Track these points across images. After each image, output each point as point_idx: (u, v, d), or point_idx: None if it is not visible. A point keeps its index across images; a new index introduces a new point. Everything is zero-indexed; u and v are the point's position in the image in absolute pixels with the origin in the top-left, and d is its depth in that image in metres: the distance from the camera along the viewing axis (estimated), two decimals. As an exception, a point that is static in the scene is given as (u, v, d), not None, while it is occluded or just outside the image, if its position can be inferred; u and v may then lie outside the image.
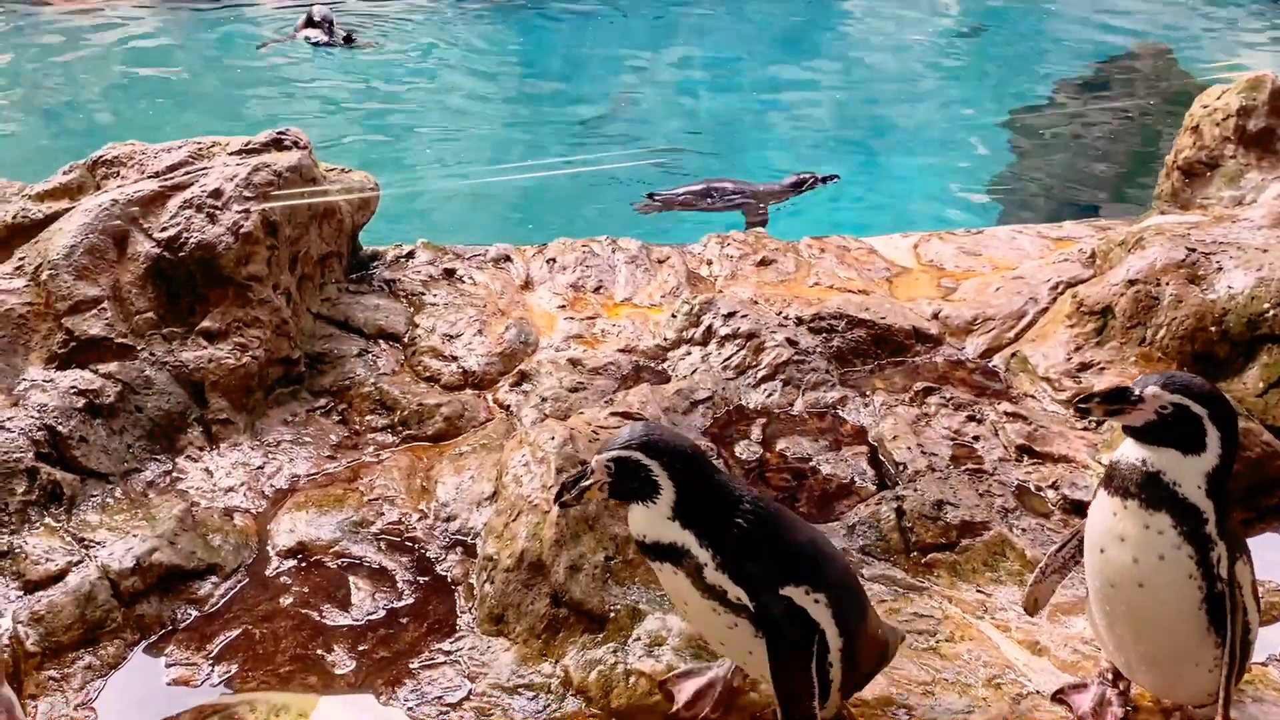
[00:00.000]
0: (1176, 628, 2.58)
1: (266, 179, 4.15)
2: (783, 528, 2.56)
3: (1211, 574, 2.50)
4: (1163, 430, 2.47)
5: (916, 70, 10.62)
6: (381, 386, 4.12)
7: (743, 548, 2.45)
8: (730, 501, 2.48)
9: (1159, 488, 2.48)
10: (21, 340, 3.80)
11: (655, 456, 2.42)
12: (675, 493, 2.43)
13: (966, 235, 5.34)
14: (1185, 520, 2.47)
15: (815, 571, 2.52)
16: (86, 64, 10.21)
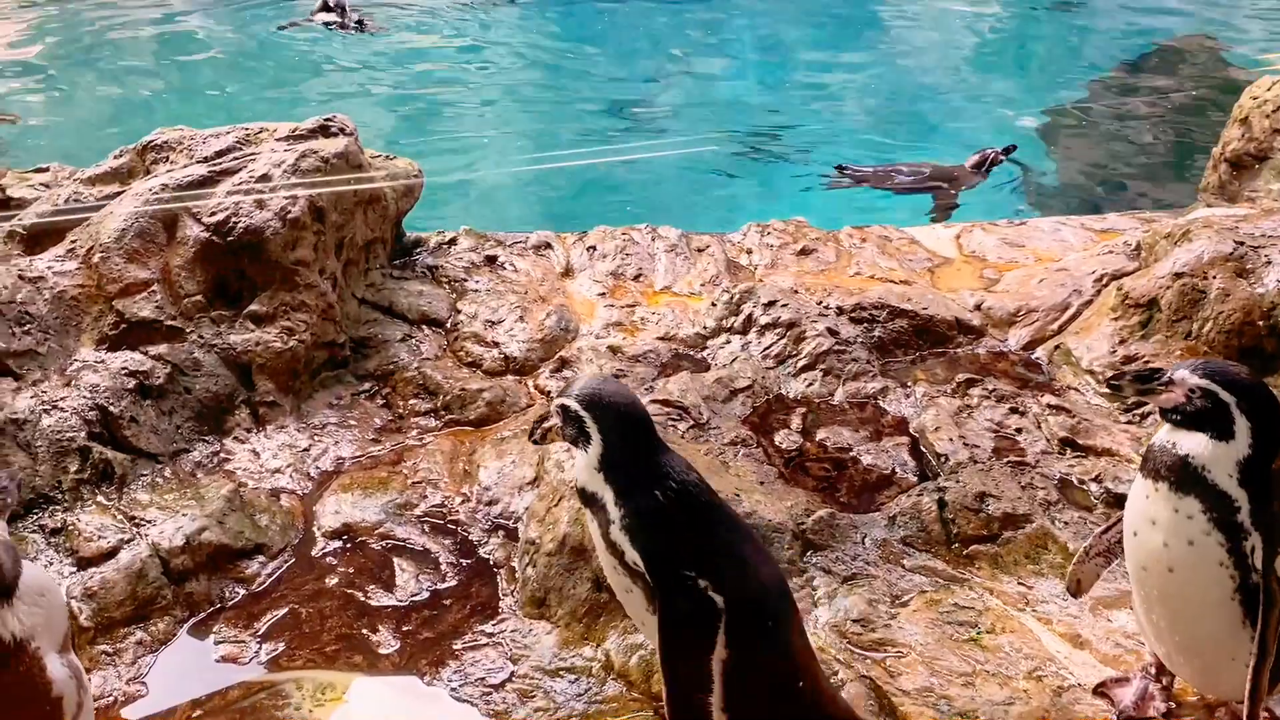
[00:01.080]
0: (1208, 617, 2.56)
1: (314, 165, 4.20)
2: (707, 523, 2.51)
3: (1245, 564, 2.48)
4: (1192, 415, 2.48)
5: (956, 61, 10.52)
6: (424, 371, 4.16)
7: (652, 519, 2.44)
8: (658, 474, 2.47)
9: (1188, 471, 2.48)
10: (73, 322, 3.87)
11: (588, 409, 2.49)
12: (602, 446, 2.48)
13: (1009, 226, 5.30)
14: (1215, 506, 2.47)
15: (723, 575, 2.43)
16: (130, 48, 10.33)
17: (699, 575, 2.40)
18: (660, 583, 2.41)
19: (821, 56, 10.36)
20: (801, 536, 3.38)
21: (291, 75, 9.77)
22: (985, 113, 9.12)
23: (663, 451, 2.55)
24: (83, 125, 8.74)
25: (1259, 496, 2.48)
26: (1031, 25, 11.59)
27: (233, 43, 10.62)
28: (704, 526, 2.50)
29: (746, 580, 2.49)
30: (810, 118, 8.94)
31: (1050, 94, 9.43)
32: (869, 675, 2.97)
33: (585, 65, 10.25)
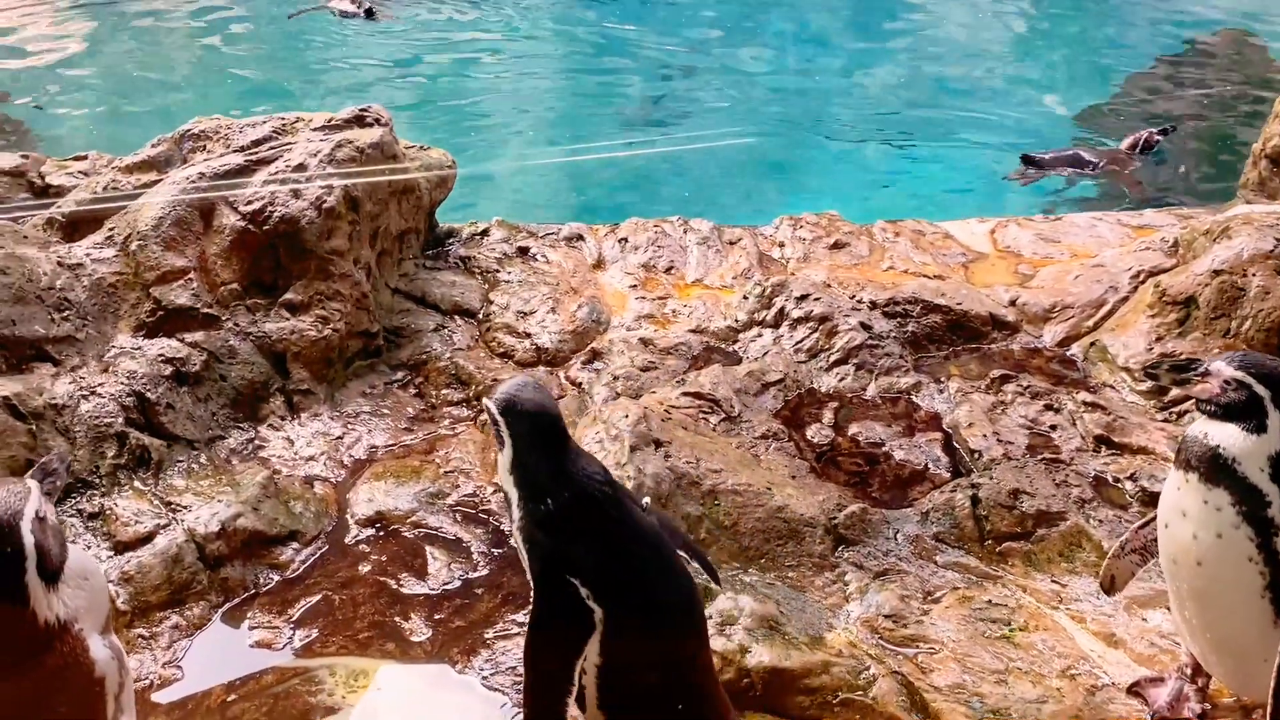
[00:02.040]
0: (1238, 614, 2.54)
1: (349, 155, 4.22)
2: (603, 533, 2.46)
3: (1276, 561, 2.45)
4: (1227, 406, 2.47)
5: (990, 55, 10.43)
6: (457, 361, 4.18)
7: (542, 524, 2.44)
8: (558, 481, 2.45)
9: (1219, 463, 2.46)
10: (111, 309, 3.91)
11: (502, 414, 2.51)
12: (512, 451, 2.50)
13: (1045, 222, 5.26)
14: (1245, 500, 2.44)
15: (608, 585, 2.41)
16: (164, 37, 10.41)
17: (581, 583, 2.39)
18: (539, 583, 2.44)
19: (855, 46, 10.30)
20: (833, 531, 3.37)
21: (307, 64, 9.81)
22: (1021, 107, 9.03)
23: (573, 459, 2.51)
24: (112, 112, 8.81)
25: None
26: (1069, 20, 11.47)
27: (254, 29, 10.67)
28: (598, 536, 2.46)
29: (635, 593, 2.46)
30: (844, 108, 8.89)
31: (1087, 89, 9.34)
32: (900, 671, 2.96)
33: (614, 52, 10.23)
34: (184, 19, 10.83)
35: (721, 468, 3.46)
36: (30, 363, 3.64)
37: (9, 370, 3.58)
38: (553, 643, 2.41)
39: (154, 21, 10.71)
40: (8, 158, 4.67)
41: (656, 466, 3.36)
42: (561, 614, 2.40)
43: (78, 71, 9.67)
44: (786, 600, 3.14)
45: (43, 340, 3.68)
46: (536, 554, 2.44)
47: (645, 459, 3.37)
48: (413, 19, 10.82)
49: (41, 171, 4.64)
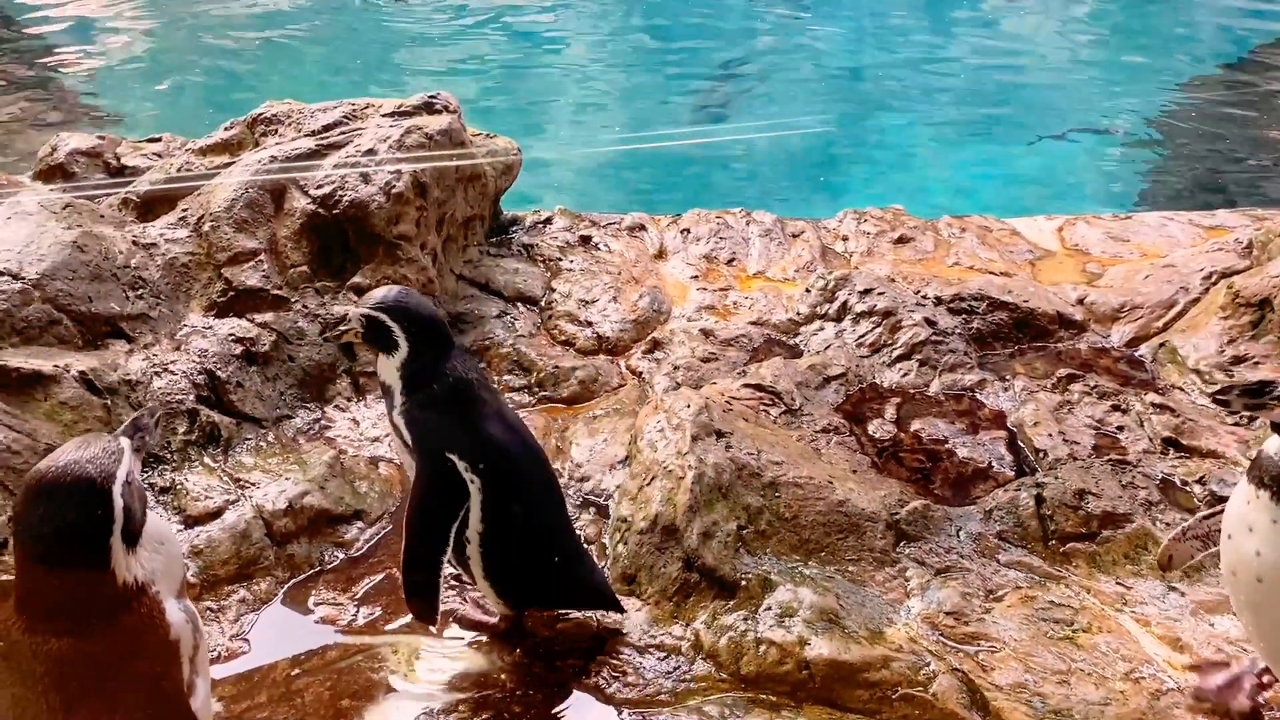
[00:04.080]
0: None
1: (418, 141, 4.26)
2: (475, 410, 2.82)
3: None
4: None
5: (1058, 51, 10.27)
6: (519, 348, 4.21)
7: (424, 407, 2.79)
8: (442, 370, 2.81)
9: None
10: (183, 288, 3.99)
11: (398, 320, 2.81)
12: (408, 351, 2.81)
13: (1114, 220, 5.17)
14: None
15: (482, 459, 2.76)
16: (226, 22, 10.59)
17: (459, 457, 2.74)
18: (422, 460, 2.77)
19: (922, 38, 10.20)
20: (895, 527, 3.34)
21: (364, 50, 9.92)
22: (1089, 105, 8.89)
23: (454, 354, 2.88)
24: (176, 95, 8.98)
25: None
26: (1138, 18, 11.27)
27: (303, 13, 10.80)
28: (471, 418, 2.81)
29: (501, 466, 2.81)
30: (910, 101, 8.81)
31: (1158, 87, 9.17)
32: (961, 669, 2.93)
33: (678, 37, 10.21)
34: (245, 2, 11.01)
35: (783, 460, 3.45)
36: (105, 339, 3.72)
37: (85, 346, 3.67)
38: (432, 510, 2.76)
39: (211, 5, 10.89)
40: (85, 138, 4.77)
41: (718, 456, 3.36)
42: (440, 484, 2.75)
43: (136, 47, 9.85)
44: (846, 594, 3.13)
45: (118, 317, 3.76)
46: (420, 434, 2.78)
47: (707, 449, 3.37)
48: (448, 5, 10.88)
49: (117, 152, 4.74)
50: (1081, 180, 7.25)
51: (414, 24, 10.39)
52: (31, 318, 3.55)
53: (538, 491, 2.93)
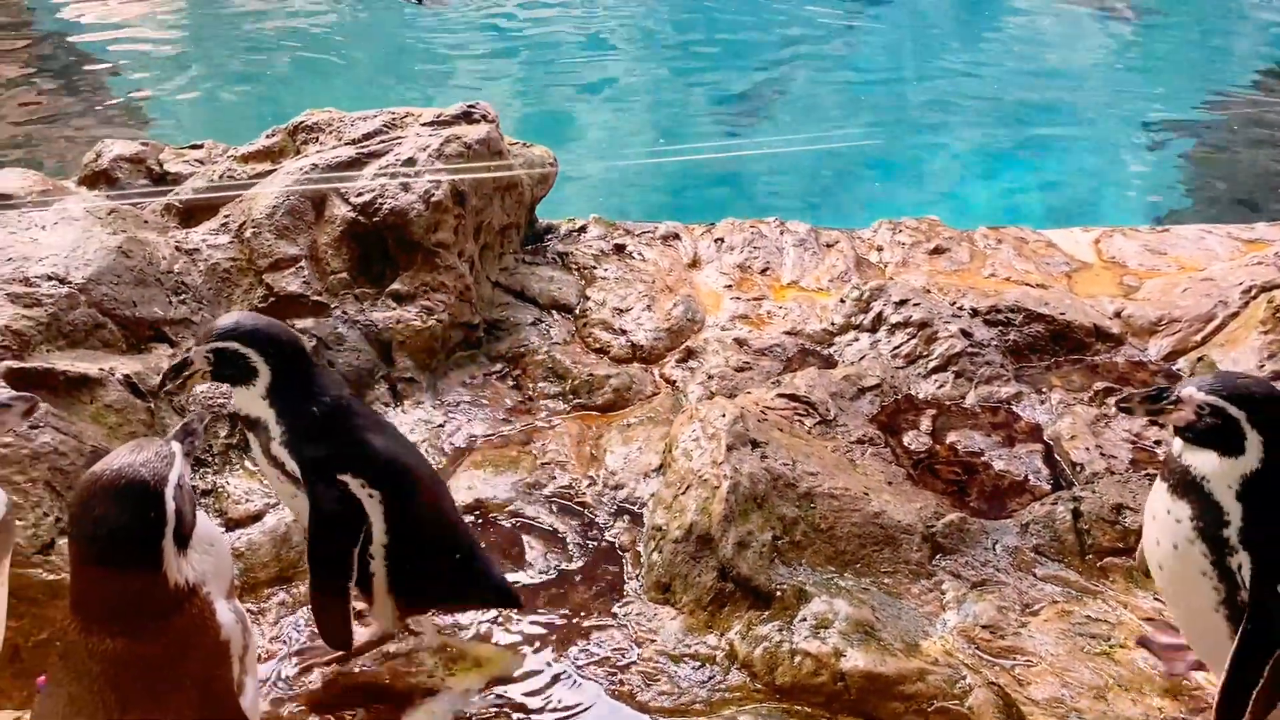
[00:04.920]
0: (1197, 621, 2.52)
1: (457, 150, 4.30)
2: (359, 426, 2.75)
3: (1232, 580, 2.40)
4: (1203, 432, 2.42)
5: (1092, 61, 10.22)
6: (554, 355, 4.23)
7: (308, 432, 2.67)
8: (314, 391, 2.70)
9: (1187, 477, 2.44)
10: (225, 293, 4.04)
11: (253, 345, 2.64)
12: (270, 376, 2.66)
13: (1151, 233, 5.14)
14: (1203, 516, 2.41)
15: (383, 471, 2.70)
16: (265, 29, 10.72)
17: (354, 476, 2.65)
18: (314, 489, 2.65)
19: (952, 50, 10.17)
20: (931, 539, 3.34)
21: (403, 57, 10.01)
22: (1126, 115, 8.84)
23: (318, 373, 2.78)
24: (217, 101, 9.10)
25: (1256, 513, 2.38)
26: (1176, 29, 11.19)
27: (342, 22, 10.92)
28: (357, 433, 2.73)
29: (398, 474, 2.75)
30: (945, 112, 8.78)
31: (1196, 99, 9.10)
32: (997, 682, 2.92)
33: (711, 45, 10.23)
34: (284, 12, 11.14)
35: (818, 470, 3.45)
36: (149, 343, 3.77)
37: (129, 350, 3.72)
38: (335, 540, 2.67)
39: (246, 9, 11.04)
40: (128, 145, 4.83)
41: (753, 466, 3.36)
42: (339, 510, 2.65)
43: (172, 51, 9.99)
44: (882, 606, 3.13)
45: (161, 322, 3.81)
46: (310, 462, 2.65)
47: (742, 458, 3.38)
48: (478, 8, 10.96)
49: (160, 159, 4.80)
50: (1118, 192, 7.20)
51: (449, 33, 10.48)
52: (77, 321, 3.60)
53: (432, 492, 2.91)
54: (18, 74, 9.45)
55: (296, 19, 10.97)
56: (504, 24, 10.61)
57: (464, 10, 10.79)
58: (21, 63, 9.73)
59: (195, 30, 10.84)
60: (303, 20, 10.99)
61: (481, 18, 10.70)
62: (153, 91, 9.17)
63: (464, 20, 10.60)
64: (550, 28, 10.72)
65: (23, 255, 3.69)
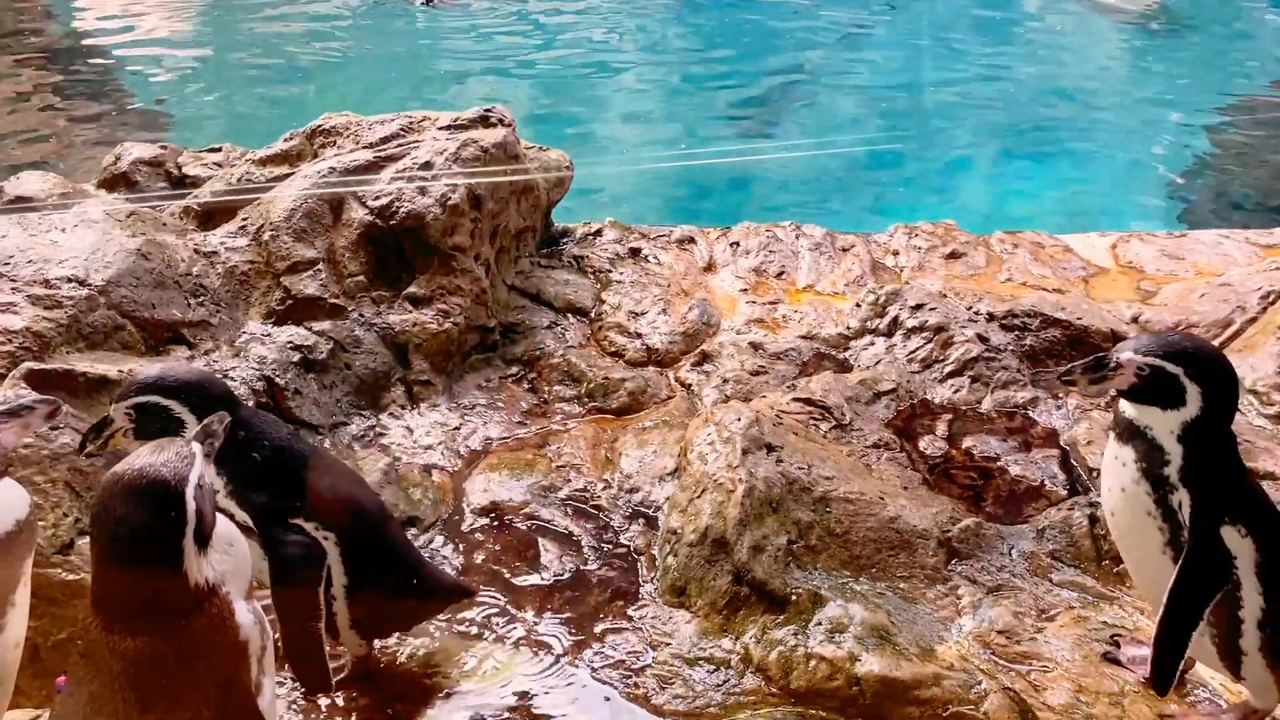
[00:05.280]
0: (1150, 567, 2.59)
1: (474, 154, 4.32)
2: (304, 467, 2.67)
3: (1174, 519, 2.49)
4: (1145, 391, 2.53)
5: (1110, 66, 10.19)
6: (569, 359, 4.24)
7: (253, 478, 2.57)
8: (251, 437, 2.59)
9: (1132, 426, 2.56)
10: (243, 296, 4.06)
11: (174, 396, 2.53)
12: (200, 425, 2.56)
13: (1168, 238, 5.12)
14: (1147, 457, 2.52)
15: (335, 510, 2.66)
16: (283, 33, 10.79)
17: (306, 519, 2.61)
18: (269, 536, 2.57)
19: (967, 55, 10.15)
20: (947, 544, 3.33)
21: (416, 59, 10.06)
22: (1142, 120, 8.81)
23: (252, 417, 2.68)
24: (235, 105, 9.15)
25: (1195, 454, 2.49)
26: (1192, 35, 11.14)
27: (359, 25, 10.98)
28: (304, 474, 2.66)
29: (350, 513, 2.73)
30: (961, 116, 8.76)
31: (1213, 104, 9.06)
32: (1013, 688, 2.92)
33: (725, 47, 10.24)
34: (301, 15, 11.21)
35: (833, 475, 3.45)
36: (167, 345, 3.80)
37: (148, 352, 3.75)
38: (298, 582, 2.59)
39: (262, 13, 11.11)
40: (147, 148, 4.87)
41: (768, 470, 3.36)
42: (299, 554, 2.60)
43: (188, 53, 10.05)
44: (897, 610, 3.12)
45: (179, 324, 3.84)
46: (260, 510, 2.57)
47: (757, 462, 3.38)
48: (494, 12, 11.00)
49: (178, 162, 4.84)
50: (1135, 197, 7.17)
51: (467, 37, 10.52)
52: (97, 323, 3.63)
53: (381, 522, 2.87)
54: (38, 78, 9.53)
55: (314, 23, 11.03)
56: (522, 28, 10.65)
57: (476, 11, 10.83)
58: (41, 67, 9.81)
59: (214, 35, 10.92)
60: (320, 25, 11.05)
61: (499, 21, 10.74)
62: (172, 95, 9.23)
63: (482, 24, 10.64)
64: (568, 32, 10.76)
65: (43, 257, 3.72)
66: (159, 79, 9.58)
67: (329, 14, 11.30)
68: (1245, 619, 2.53)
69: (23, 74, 9.58)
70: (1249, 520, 2.49)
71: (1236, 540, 2.48)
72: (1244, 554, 2.48)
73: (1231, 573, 2.48)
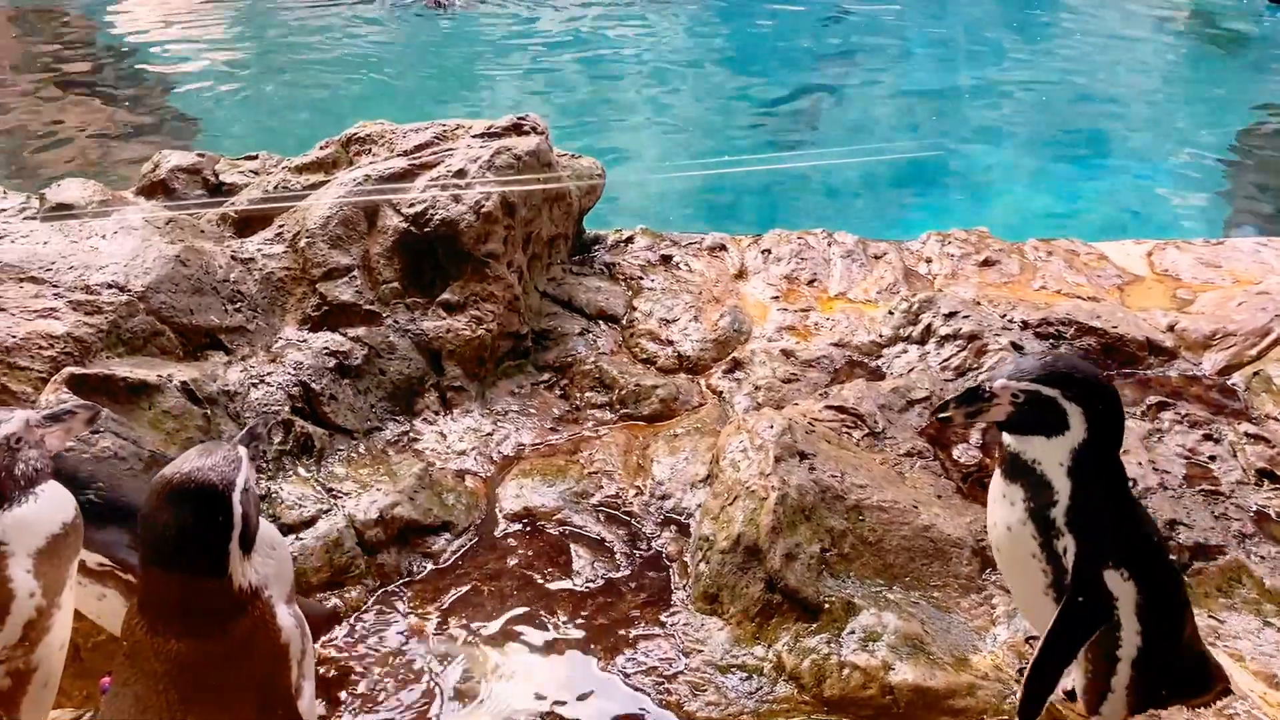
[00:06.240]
0: (1032, 604, 2.53)
1: (507, 162, 4.34)
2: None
3: (1059, 564, 2.41)
4: (1025, 419, 2.42)
5: (1142, 73, 10.11)
6: (601, 365, 4.25)
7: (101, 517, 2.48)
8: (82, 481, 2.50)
9: (1018, 461, 2.45)
10: (279, 302, 4.10)
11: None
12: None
13: (1205, 246, 5.07)
14: (1035, 495, 2.42)
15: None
16: (318, 41, 10.90)
17: None
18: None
19: (997, 64, 10.11)
20: (981, 553, 3.31)
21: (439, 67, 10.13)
22: (1180, 128, 8.73)
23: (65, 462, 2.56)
24: (271, 112, 9.25)
25: (1083, 493, 2.39)
26: (1228, 41, 11.04)
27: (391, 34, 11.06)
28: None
29: None
30: (994, 124, 8.72)
31: (1249, 110, 8.97)
32: (1048, 698, 2.89)
33: (758, 58, 10.24)
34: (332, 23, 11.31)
35: (866, 483, 3.44)
36: (205, 350, 3.85)
37: (186, 357, 3.80)
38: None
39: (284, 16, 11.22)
40: (185, 155, 4.93)
41: (801, 478, 3.36)
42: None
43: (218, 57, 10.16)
44: (931, 620, 3.11)
45: (217, 329, 3.89)
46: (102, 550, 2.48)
47: (790, 470, 3.38)
48: (524, 19, 11.06)
49: (216, 169, 4.89)
50: (1171, 204, 7.11)
51: (497, 45, 10.58)
52: (136, 329, 3.68)
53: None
54: (79, 86, 9.67)
55: (348, 32, 11.13)
56: (553, 35, 10.70)
57: (503, 16, 10.90)
58: (82, 75, 9.95)
59: (251, 44, 11.03)
60: (354, 32, 11.14)
61: (530, 29, 10.79)
62: (209, 103, 9.34)
63: (512, 31, 10.70)
64: (600, 39, 10.79)
65: (84, 264, 3.78)
66: (196, 88, 9.70)
67: (365, 21, 11.41)
68: (1121, 658, 2.48)
69: (63, 82, 9.72)
70: (1132, 563, 2.41)
71: (1119, 583, 2.41)
72: (1126, 596, 2.42)
73: (1112, 613, 2.42)
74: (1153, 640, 2.46)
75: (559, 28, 11.00)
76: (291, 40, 10.94)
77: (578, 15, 11.40)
